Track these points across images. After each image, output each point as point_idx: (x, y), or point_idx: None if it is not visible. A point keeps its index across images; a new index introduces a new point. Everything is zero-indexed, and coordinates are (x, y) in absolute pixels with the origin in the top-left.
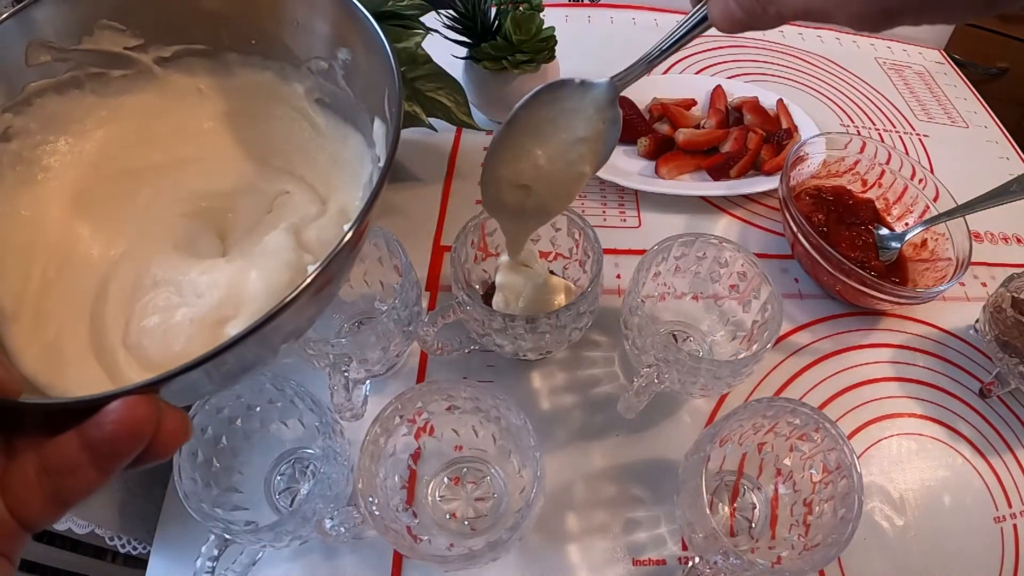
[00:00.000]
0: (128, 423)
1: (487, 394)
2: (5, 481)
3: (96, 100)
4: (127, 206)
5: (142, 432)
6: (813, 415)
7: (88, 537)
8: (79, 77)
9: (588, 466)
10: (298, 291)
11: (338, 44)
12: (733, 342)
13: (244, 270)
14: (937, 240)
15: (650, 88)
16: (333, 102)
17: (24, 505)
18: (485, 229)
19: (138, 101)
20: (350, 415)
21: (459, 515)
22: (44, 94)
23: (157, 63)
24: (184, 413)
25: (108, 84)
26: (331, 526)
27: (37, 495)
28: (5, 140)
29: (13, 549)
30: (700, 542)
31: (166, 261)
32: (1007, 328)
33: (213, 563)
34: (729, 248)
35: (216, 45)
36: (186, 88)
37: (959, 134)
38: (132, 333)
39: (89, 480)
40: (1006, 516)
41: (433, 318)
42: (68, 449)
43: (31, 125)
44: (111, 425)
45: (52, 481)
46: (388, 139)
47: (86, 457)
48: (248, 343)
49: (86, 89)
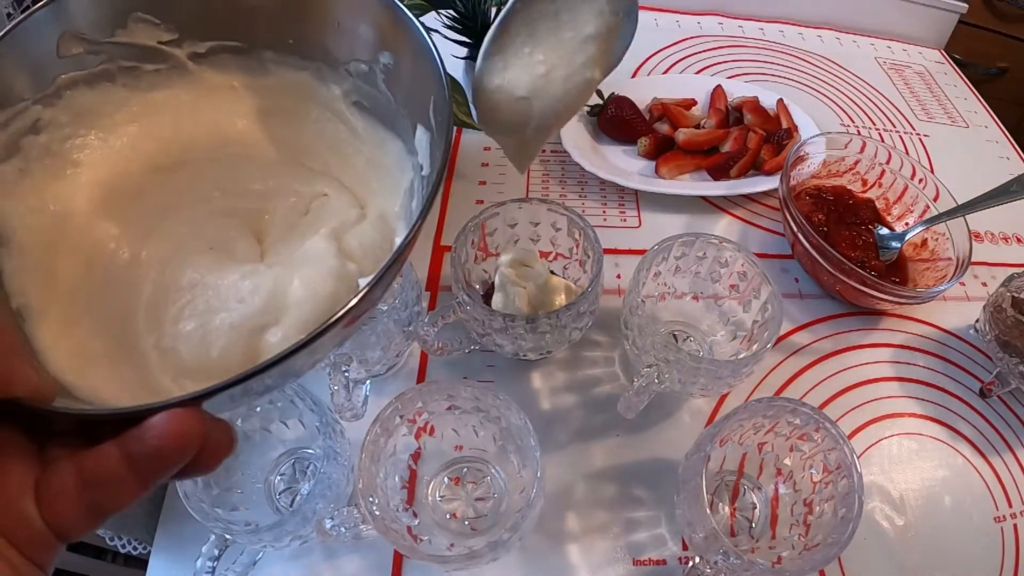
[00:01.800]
0: (174, 437)
1: (487, 394)
2: (41, 491)
3: (127, 94)
4: (159, 204)
5: (188, 446)
6: (813, 415)
7: (88, 537)
8: (111, 70)
9: (588, 466)
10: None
11: (381, 48)
12: (733, 342)
13: (286, 276)
14: (937, 240)
15: (650, 88)
16: (372, 106)
17: (60, 515)
18: (485, 229)
19: (170, 96)
20: (350, 415)
21: (459, 515)
22: (75, 86)
23: (191, 58)
24: (229, 425)
25: (140, 78)
26: (331, 526)
27: (74, 506)
28: (34, 132)
29: (47, 560)
30: (700, 542)
31: (202, 263)
32: (1007, 328)
33: (213, 563)
34: (729, 248)
35: (252, 42)
36: (219, 85)
37: (959, 134)
38: (166, 336)
39: (129, 492)
40: (1006, 516)
41: (433, 318)
42: (109, 461)
43: (61, 118)
44: (155, 440)
45: (91, 492)
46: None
47: (127, 470)
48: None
49: (118, 83)
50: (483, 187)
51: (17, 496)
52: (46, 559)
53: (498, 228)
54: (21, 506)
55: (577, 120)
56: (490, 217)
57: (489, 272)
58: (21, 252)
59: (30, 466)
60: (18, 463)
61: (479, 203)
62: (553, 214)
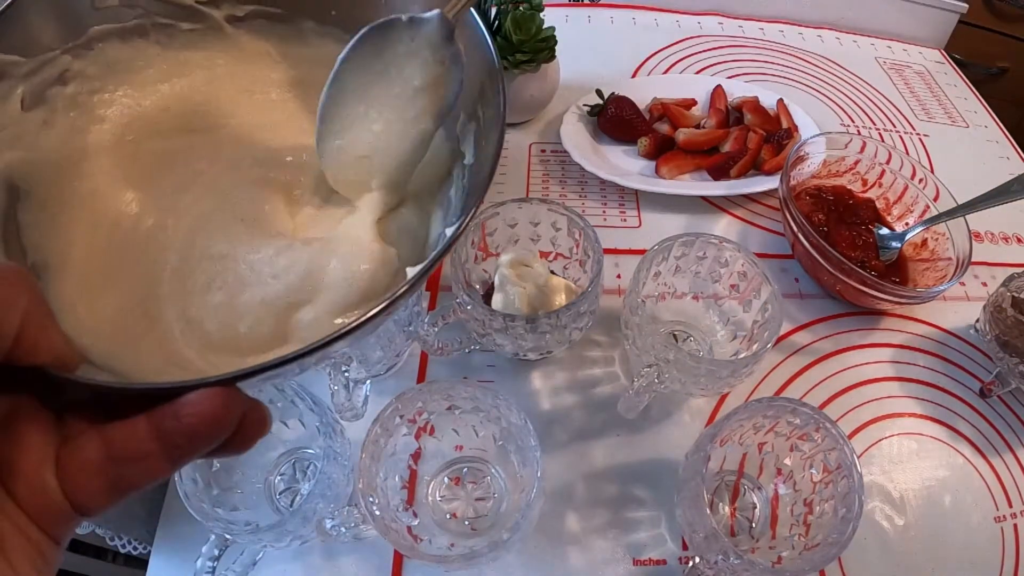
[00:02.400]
0: (210, 416)
1: (487, 394)
2: (63, 462)
3: (159, 51)
4: (187, 168)
5: (224, 426)
6: (813, 415)
7: (88, 537)
8: (145, 26)
9: (588, 466)
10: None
11: None
12: (733, 342)
13: (323, 255)
14: (937, 240)
15: (650, 88)
16: None
17: (81, 489)
18: (485, 229)
19: (204, 58)
20: (350, 415)
21: (459, 515)
22: (107, 39)
23: (228, 21)
24: (264, 406)
25: (174, 37)
26: (331, 526)
27: (96, 480)
28: (61, 83)
29: (63, 534)
30: (700, 542)
31: (233, 234)
32: (1007, 328)
33: (213, 563)
34: (729, 248)
35: (293, 11)
36: (256, 51)
37: (959, 134)
38: (192, 307)
39: (155, 470)
40: (1006, 516)
41: (433, 318)
42: (137, 436)
43: (90, 69)
44: (191, 418)
45: (115, 468)
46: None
47: (156, 447)
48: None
49: (151, 39)
50: None
51: (37, 467)
52: (62, 533)
53: (498, 228)
54: (41, 478)
55: (577, 120)
56: (490, 217)
57: (489, 272)
58: (40, 207)
59: (50, 437)
60: (38, 434)
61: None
62: (553, 214)
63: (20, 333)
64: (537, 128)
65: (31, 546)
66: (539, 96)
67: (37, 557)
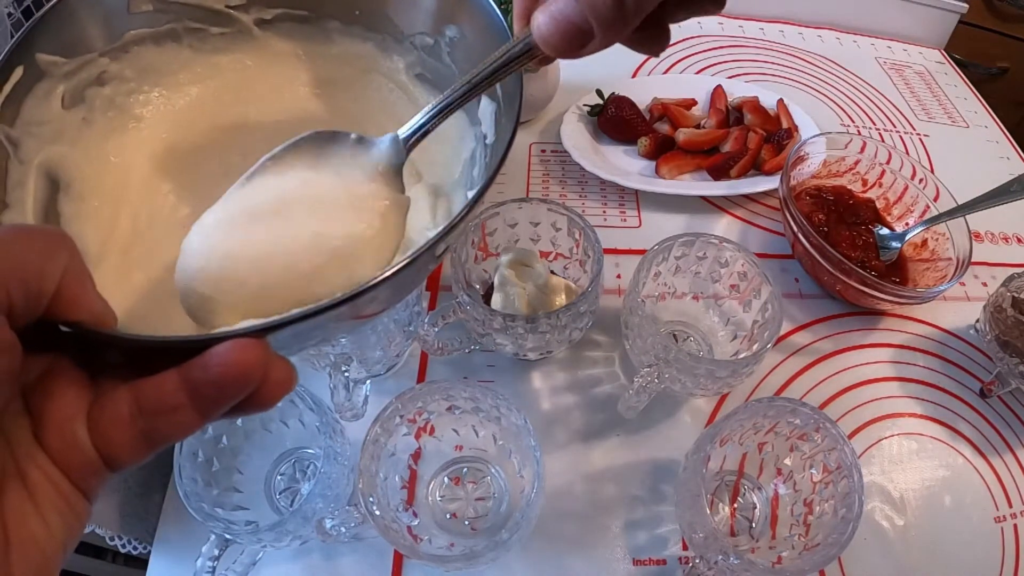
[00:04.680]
0: (237, 367)
1: (487, 394)
2: (94, 417)
3: (192, 55)
4: (220, 164)
5: (251, 377)
6: (813, 415)
7: (88, 537)
8: (177, 30)
9: (588, 466)
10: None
11: (447, 21)
12: (733, 342)
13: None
14: (937, 240)
15: (650, 88)
16: (435, 78)
17: (112, 443)
18: (485, 229)
19: (234, 61)
20: (350, 415)
21: (459, 515)
22: (142, 43)
23: (256, 24)
24: (290, 363)
25: (206, 40)
26: (331, 526)
27: (127, 434)
28: (99, 84)
29: (94, 487)
30: (700, 542)
31: None
32: (1007, 328)
33: (213, 563)
34: (729, 248)
35: (318, 12)
36: (283, 52)
37: (959, 134)
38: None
39: (186, 422)
40: (1006, 516)
41: (433, 318)
42: (168, 389)
43: (126, 72)
44: (218, 368)
45: (146, 420)
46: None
47: (186, 398)
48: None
49: (183, 43)
50: None
51: (69, 420)
52: (93, 487)
53: (498, 228)
54: (73, 430)
55: (577, 120)
56: (490, 217)
57: (489, 272)
58: (81, 199)
59: (83, 393)
60: (71, 388)
61: None
62: (553, 214)
63: (60, 288)
64: (537, 128)
65: (61, 498)
66: (539, 96)
67: (66, 509)
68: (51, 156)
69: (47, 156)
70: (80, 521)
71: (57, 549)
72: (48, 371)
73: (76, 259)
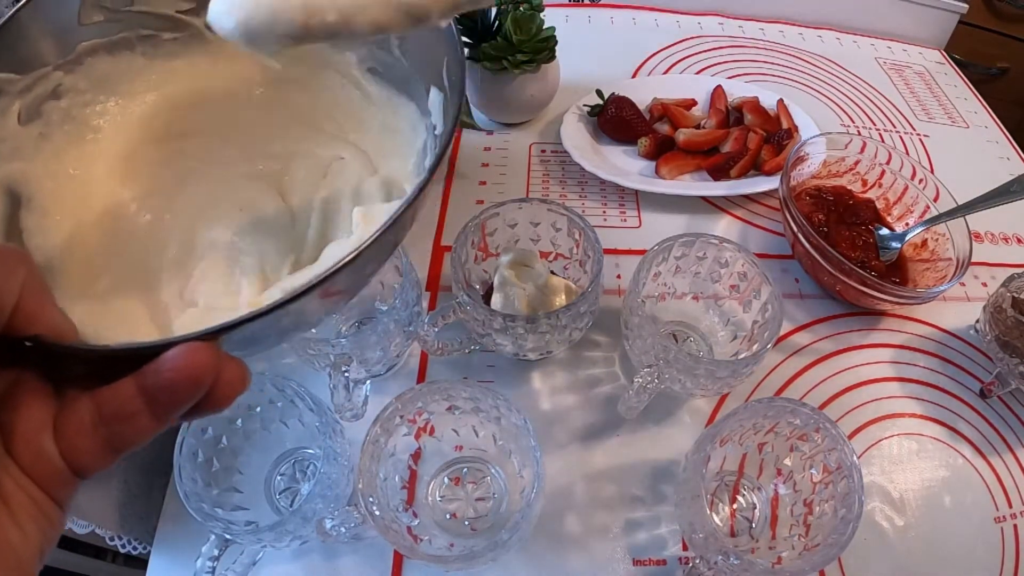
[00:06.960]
0: (187, 370)
1: (487, 394)
2: (59, 427)
3: (146, 62)
4: (180, 168)
5: (201, 379)
6: (813, 415)
7: (88, 537)
8: (130, 38)
9: (588, 466)
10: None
11: None
12: (733, 342)
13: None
14: (937, 240)
15: (650, 88)
16: (386, 71)
17: (78, 452)
18: (485, 229)
19: (188, 65)
20: (350, 415)
21: (459, 515)
22: (95, 53)
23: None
24: (243, 363)
25: (159, 47)
26: (331, 526)
27: (91, 442)
28: (55, 98)
29: (65, 496)
30: (700, 542)
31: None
32: (1007, 328)
33: (213, 563)
34: (729, 248)
35: None
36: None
37: (959, 134)
38: (188, 288)
39: (145, 427)
40: (1006, 516)
41: (433, 318)
42: (125, 396)
43: (81, 84)
44: (169, 372)
45: (108, 427)
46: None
47: (143, 404)
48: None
49: (136, 51)
50: (483, 187)
51: (36, 433)
52: (64, 495)
53: (498, 228)
54: (40, 442)
55: (577, 120)
56: (490, 217)
57: (489, 272)
58: (43, 213)
59: (48, 405)
60: (36, 401)
61: (479, 203)
62: (553, 214)
63: (19, 303)
64: (537, 128)
65: (35, 507)
66: (539, 96)
67: (41, 517)
68: (10, 173)
69: (6, 173)
70: (55, 528)
71: (34, 554)
72: (13, 385)
73: (34, 274)
